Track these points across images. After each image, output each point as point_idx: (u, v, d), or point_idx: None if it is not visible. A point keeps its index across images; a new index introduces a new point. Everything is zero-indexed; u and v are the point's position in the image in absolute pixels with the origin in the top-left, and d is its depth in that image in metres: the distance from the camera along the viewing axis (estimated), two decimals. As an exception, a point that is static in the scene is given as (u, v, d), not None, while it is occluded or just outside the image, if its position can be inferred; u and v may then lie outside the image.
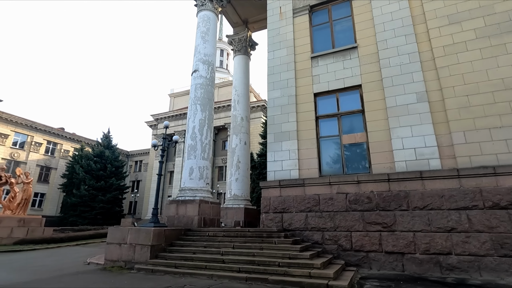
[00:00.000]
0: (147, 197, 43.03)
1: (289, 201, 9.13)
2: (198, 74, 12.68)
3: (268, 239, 7.99)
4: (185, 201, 10.71)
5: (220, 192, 38.42)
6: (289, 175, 9.54)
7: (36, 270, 7.87)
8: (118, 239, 8.44)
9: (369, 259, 7.67)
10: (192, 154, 11.50)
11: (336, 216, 8.35)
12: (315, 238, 8.41)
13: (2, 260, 9.63)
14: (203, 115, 12.05)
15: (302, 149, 9.67)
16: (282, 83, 10.69)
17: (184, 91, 46.92)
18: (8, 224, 13.09)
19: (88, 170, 37.50)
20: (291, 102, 10.30)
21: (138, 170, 52.31)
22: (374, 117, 8.96)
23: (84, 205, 35.58)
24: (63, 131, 43.75)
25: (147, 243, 7.92)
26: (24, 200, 14.51)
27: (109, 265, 8.29)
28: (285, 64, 10.91)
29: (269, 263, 6.61)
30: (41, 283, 6.28)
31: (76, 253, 11.36)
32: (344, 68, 9.92)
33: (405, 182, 7.86)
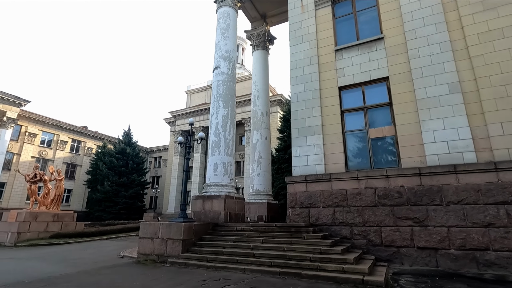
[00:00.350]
0: (167, 192, 44.04)
1: (315, 196, 9.11)
2: (219, 71, 12.76)
3: (297, 234, 8.03)
4: (211, 196, 10.90)
5: (238, 187, 38.82)
6: (314, 170, 9.49)
7: (76, 263, 8.30)
8: (150, 233, 8.73)
9: (400, 254, 7.56)
10: (216, 150, 11.65)
11: (364, 211, 8.26)
12: (343, 233, 8.37)
13: (43, 253, 10.21)
14: (225, 112, 12.15)
15: (328, 143, 9.58)
16: (306, 78, 10.58)
17: (200, 87, 47.39)
18: (44, 219, 13.86)
19: (111, 167, 38.80)
20: (315, 97, 10.19)
21: (157, 166, 53.56)
22: (402, 109, 8.73)
23: (108, 201, 36.94)
24: (86, 129, 45.37)
25: (178, 238, 8.16)
26: (57, 196, 15.28)
27: (142, 258, 8.61)
28: (308, 58, 10.78)
29: (301, 257, 6.65)
30: (85, 274, 6.62)
31: (108, 246, 11.86)
32: (370, 60, 9.69)
33: (438, 176, 7.64)
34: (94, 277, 6.40)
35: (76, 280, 6.11)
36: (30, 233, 13.12)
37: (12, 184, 35.31)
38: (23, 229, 12.90)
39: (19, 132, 37.14)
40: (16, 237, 12.52)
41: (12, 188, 35.31)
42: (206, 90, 46.87)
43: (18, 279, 6.23)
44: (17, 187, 35.55)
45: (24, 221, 13.01)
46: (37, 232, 13.37)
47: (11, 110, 32.54)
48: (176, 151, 43.77)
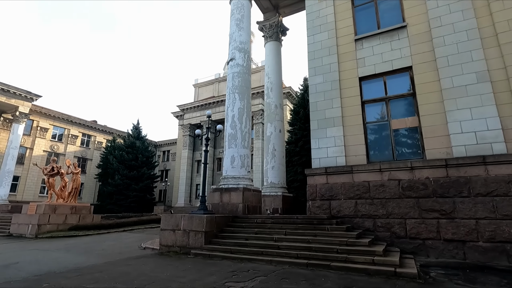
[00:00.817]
0: (176, 186, 44.41)
1: (336, 188, 9.03)
2: (234, 63, 12.62)
3: (320, 226, 7.99)
4: (229, 189, 10.91)
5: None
6: (335, 162, 9.39)
7: (100, 254, 8.41)
8: (172, 225, 8.79)
9: (425, 246, 7.48)
10: (232, 143, 11.60)
11: (388, 203, 8.16)
12: (366, 225, 8.30)
13: (66, 244, 10.39)
14: (241, 104, 12.06)
15: (348, 135, 9.45)
16: (324, 68, 10.40)
17: (208, 81, 47.24)
18: (62, 211, 14.08)
19: (121, 161, 39.20)
20: (335, 88, 10.02)
21: (166, 160, 53.95)
22: (427, 100, 8.53)
23: (119, 194, 37.44)
24: (96, 124, 45.78)
25: (201, 230, 8.19)
26: (74, 189, 15.50)
27: (165, 250, 8.69)
28: (326, 48, 10.57)
29: (327, 249, 6.61)
30: (113, 265, 6.70)
31: (127, 238, 12.02)
32: (392, 49, 9.45)
33: (465, 168, 7.48)
34: (123, 267, 6.47)
35: (107, 270, 6.18)
36: (50, 225, 13.36)
37: (25, 177, 35.99)
38: (43, 221, 13.14)
39: (31, 126, 37.66)
40: (36, 229, 12.77)
41: (26, 181, 36.00)
42: (214, 83, 46.75)
43: (50, 269, 6.33)
44: (30, 180, 36.24)
45: (44, 213, 13.24)
46: (56, 224, 13.61)
47: (23, 105, 32.92)
48: (185, 145, 43.93)
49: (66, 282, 5.24)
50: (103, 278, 5.51)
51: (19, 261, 7.34)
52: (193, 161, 44.44)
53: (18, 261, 7.28)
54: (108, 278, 5.51)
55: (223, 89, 45.53)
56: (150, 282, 5.14)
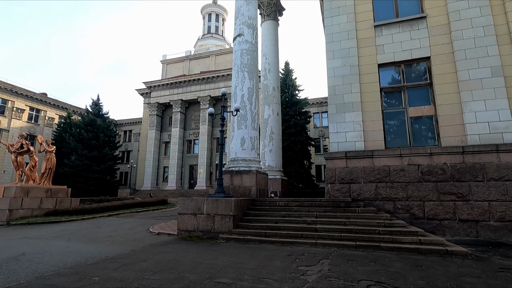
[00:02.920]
0: (141, 168, 42.01)
1: (356, 172, 9.23)
2: (243, 39, 11.90)
3: (349, 208, 8.15)
4: (240, 171, 10.50)
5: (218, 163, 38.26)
6: (354, 146, 9.55)
7: (111, 241, 7.53)
8: (192, 209, 8.21)
9: (442, 226, 8.10)
10: (242, 124, 11.10)
11: (408, 186, 8.60)
12: (386, 207, 8.68)
13: (55, 232, 9.11)
14: (251, 83, 11.51)
15: (367, 121, 9.63)
16: (343, 52, 10.33)
17: (178, 57, 44.52)
18: (36, 194, 12.23)
19: (80, 139, 35.59)
20: (354, 73, 10.05)
21: (127, 140, 50.38)
22: (444, 90, 9.00)
23: (77, 176, 34.17)
24: (45, 97, 40.58)
25: (229, 213, 7.79)
26: (48, 169, 13.53)
27: (184, 235, 8.13)
28: (345, 31, 10.48)
29: (368, 231, 6.77)
30: (147, 253, 6.04)
31: (122, 224, 10.99)
32: (411, 38, 9.70)
33: (480, 155, 8.15)
34: (162, 255, 5.86)
35: (147, 259, 5.53)
36: (23, 210, 11.55)
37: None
38: (15, 205, 11.28)
39: (-36, 95, 31.99)
40: (8, 215, 10.93)
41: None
42: (184, 61, 44.17)
43: (75, 260, 5.46)
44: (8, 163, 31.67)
45: (15, 197, 11.36)
46: (30, 209, 11.82)
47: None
48: (152, 125, 41.36)
49: (117, 274, 4.56)
50: (155, 267, 4.92)
51: (24, 252, 6.21)
52: (161, 142, 42.21)
53: (24, 252, 6.16)
54: (160, 267, 4.93)
55: (195, 67, 43.33)
56: (217, 270, 4.73)
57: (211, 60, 42.48)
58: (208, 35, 48.11)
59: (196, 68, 42.90)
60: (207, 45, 46.52)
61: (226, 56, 41.96)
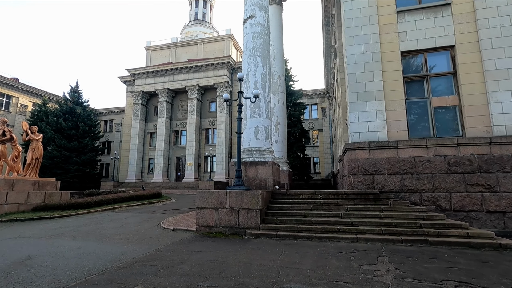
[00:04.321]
0: (125, 160, 40.03)
1: (380, 163, 8.91)
2: (255, 21, 11.11)
3: (379, 201, 7.81)
4: (254, 162, 9.88)
5: (206, 155, 37.28)
6: (376, 136, 9.21)
7: (125, 239, 6.71)
8: (213, 203, 7.52)
9: (469, 218, 7.98)
10: (256, 112, 10.42)
11: (434, 178, 8.40)
12: (412, 199, 8.45)
13: (52, 229, 8.07)
14: (264, 69, 10.81)
15: (390, 110, 9.30)
16: (365, 38, 9.87)
17: (163, 44, 42.38)
18: (22, 188, 10.89)
19: (58, 129, 33.24)
20: (376, 60, 9.64)
21: (108, 130, 47.86)
22: (469, 80, 8.81)
23: (56, 167, 31.94)
24: (17, 82, 37.35)
25: (255, 207, 7.18)
26: (35, 160, 12.10)
27: (204, 231, 7.44)
28: (366, 16, 10.00)
29: (409, 224, 6.45)
30: (178, 254, 5.32)
31: (123, 219, 10.06)
32: (435, 26, 9.40)
33: (508, 146, 8.06)
34: (198, 255, 5.18)
35: (183, 260, 4.83)
36: (8, 205, 10.25)
37: None
38: (-1, 200, 10.02)
39: None
40: (-9, 211, 9.69)
41: None
42: (170, 48, 42.12)
43: (98, 263, 4.66)
44: None
45: (-1, 190, 10.08)
46: (16, 204, 10.51)
47: None
48: (136, 114, 39.38)
49: (162, 281, 3.86)
50: (200, 270, 4.25)
51: (30, 255, 5.28)
52: (145, 133, 40.37)
53: (29, 255, 5.24)
54: (207, 270, 4.28)
55: (181, 55, 41.51)
56: (276, 273, 4.15)
57: (199, 48, 40.84)
58: (195, 22, 46.15)
59: (183, 56, 41.11)
60: (194, 32, 44.65)
61: (215, 45, 40.55)
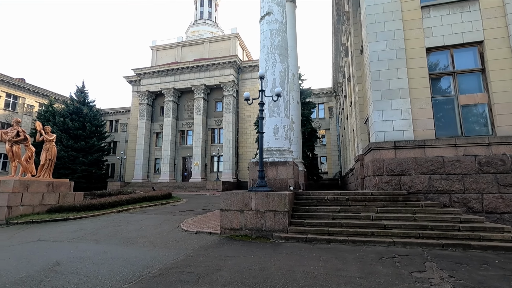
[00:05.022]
0: (131, 160, 39.95)
1: (406, 163, 8.62)
2: (272, 18, 10.85)
3: (409, 202, 7.54)
4: (274, 162, 9.63)
5: (212, 155, 37.07)
6: (402, 136, 8.93)
7: (149, 243, 6.48)
8: (237, 205, 7.28)
9: (502, 220, 7.66)
10: (275, 111, 10.17)
11: (465, 178, 8.10)
12: (441, 200, 8.15)
13: (72, 232, 7.86)
14: (283, 67, 10.55)
15: (416, 108, 9.01)
16: (388, 34, 9.58)
17: (169, 44, 42.25)
18: (37, 189, 10.70)
19: (65, 129, 33.18)
20: (400, 57, 9.35)
21: (114, 130, 47.82)
22: (499, 77, 8.50)
23: (63, 168, 31.86)
24: (23, 82, 37.36)
25: (282, 209, 6.93)
26: (49, 160, 11.94)
27: (229, 234, 7.21)
28: (389, 12, 9.71)
29: (446, 227, 6.17)
30: (206, 259, 5.09)
31: (139, 221, 9.84)
32: (462, 21, 9.09)
33: (542, 145, 7.75)
34: (229, 261, 4.94)
35: (226, 267, 4.60)
36: (23, 207, 10.06)
37: None
38: (14, 202, 9.76)
39: None
40: (6, 213, 9.43)
41: None
42: (176, 47, 41.94)
43: (132, 270, 4.44)
44: None
45: (14, 192, 9.85)
46: (31, 205, 10.33)
47: None
48: (142, 114, 39.26)
49: (205, 290, 3.63)
50: (243, 278, 4.01)
51: (57, 260, 5.06)
52: (151, 133, 40.23)
53: (57, 260, 5.02)
54: (250, 278, 4.04)
55: (187, 54, 41.31)
56: (324, 281, 3.91)
57: (205, 47, 40.63)
58: (201, 21, 45.96)
59: (188, 55, 40.94)
60: (200, 31, 44.47)
61: (221, 44, 40.33)
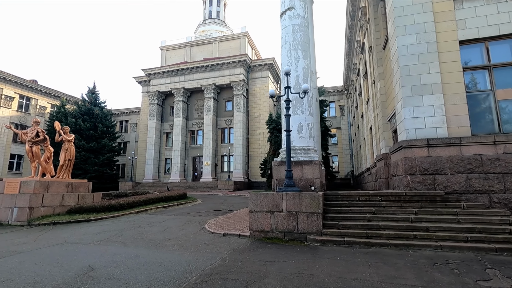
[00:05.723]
0: (141, 160, 40.05)
1: (441, 162, 8.21)
2: (294, 13, 10.52)
3: (449, 203, 7.16)
4: (299, 162, 9.31)
5: (223, 155, 36.90)
6: (435, 133, 8.52)
7: (178, 245, 6.24)
8: (267, 206, 6.99)
9: (548, 222, 7.22)
10: (299, 108, 9.85)
11: (506, 178, 7.65)
12: (480, 201, 7.71)
13: (95, 233, 7.69)
14: (305, 63, 10.23)
15: (449, 104, 8.58)
16: (418, 27, 9.17)
17: (178, 44, 42.21)
18: (57, 190, 10.59)
19: (77, 130, 33.32)
20: (432, 50, 8.93)
21: (124, 131, 48.03)
22: (540, 70, 8.03)
23: (76, 168, 31.88)
24: (36, 84, 37.75)
25: (316, 211, 6.62)
26: (68, 161, 11.86)
27: (259, 236, 6.92)
28: (419, 4, 9.29)
29: (495, 230, 5.78)
30: (244, 264, 4.81)
31: (164, 221, 9.60)
32: (498, 12, 8.63)
33: None
34: (270, 267, 4.65)
35: (261, 273, 4.32)
36: (44, 208, 9.96)
37: None
38: (35, 203, 9.66)
39: None
40: (28, 214, 9.33)
41: None
42: (185, 47, 41.89)
43: (172, 276, 4.18)
44: None
45: (35, 192, 9.75)
46: (52, 206, 10.22)
47: None
48: (152, 114, 39.28)
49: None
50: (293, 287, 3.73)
51: (90, 264, 4.85)
52: (162, 133, 40.24)
53: (90, 265, 4.80)
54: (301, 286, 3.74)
55: (196, 54, 41.20)
56: (385, 290, 3.58)
57: (214, 47, 40.48)
58: (209, 20, 45.82)
59: (198, 55, 40.84)
60: (208, 31, 44.32)
61: (230, 43, 40.13)
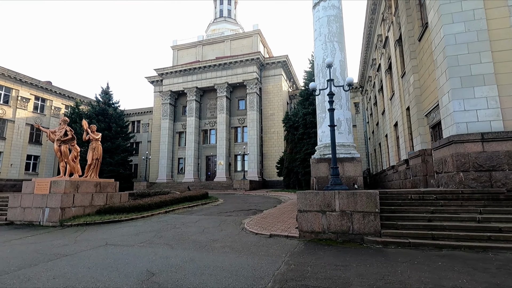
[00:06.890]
0: (154, 160, 40.04)
1: (498, 157, 7.67)
2: (329, 4, 10.07)
3: (515, 201, 6.59)
4: (340, 159, 8.86)
5: (236, 154, 36.60)
6: (489, 126, 7.97)
7: (227, 247, 5.87)
8: (318, 205, 6.57)
9: None
10: (337, 103, 9.38)
11: None
12: (544, 199, 7.17)
13: (133, 234, 7.38)
14: (342, 56, 9.77)
15: (504, 96, 8.03)
16: (466, 15, 8.62)
17: (190, 43, 42.00)
18: (86, 189, 10.37)
19: (92, 130, 33.42)
20: (483, 39, 8.38)
21: (136, 131, 48.09)
22: None
23: (91, 168, 32.11)
24: (51, 85, 37.99)
25: (373, 210, 6.17)
26: (95, 160, 11.67)
27: (310, 237, 6.51)
28: (466, -10, 8.74)
29: None
30: (313, 269, 4.41)
31: (197, 221, 9.26)
32: (556, -4, 8.04)
33: None
34: (337, 272, 4.24)
35: (343, 280, 3.91)
36: (75, 208, 9.73)
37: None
38: (67, 203, 9.43)
39: (-34, 83, 29.54)
40: (60, 214, 9.10)
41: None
42: (197, 46, 41.67)
43: (243, 283, 3.81)
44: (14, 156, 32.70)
45: (66, 192, 9.52)
46: (82, 206, 9.99)
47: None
48: (165, 114, 39.18)
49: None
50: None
51: (148, 269, 4.51)
52: (174, 133, 40.13)
53: (148, 269, 4.45)
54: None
55: (208, 53, 40.94)
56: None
57: (226, 45, 40.17)
58: (220, 19, 45.53)
59: (210, 53, 40.57)
60: (220, 29, 44.02)
61: (242, 41, 39.74)
